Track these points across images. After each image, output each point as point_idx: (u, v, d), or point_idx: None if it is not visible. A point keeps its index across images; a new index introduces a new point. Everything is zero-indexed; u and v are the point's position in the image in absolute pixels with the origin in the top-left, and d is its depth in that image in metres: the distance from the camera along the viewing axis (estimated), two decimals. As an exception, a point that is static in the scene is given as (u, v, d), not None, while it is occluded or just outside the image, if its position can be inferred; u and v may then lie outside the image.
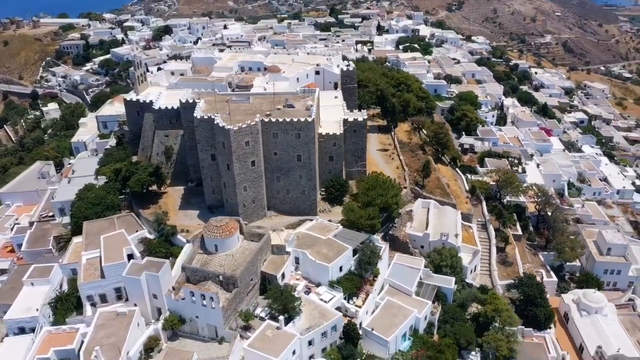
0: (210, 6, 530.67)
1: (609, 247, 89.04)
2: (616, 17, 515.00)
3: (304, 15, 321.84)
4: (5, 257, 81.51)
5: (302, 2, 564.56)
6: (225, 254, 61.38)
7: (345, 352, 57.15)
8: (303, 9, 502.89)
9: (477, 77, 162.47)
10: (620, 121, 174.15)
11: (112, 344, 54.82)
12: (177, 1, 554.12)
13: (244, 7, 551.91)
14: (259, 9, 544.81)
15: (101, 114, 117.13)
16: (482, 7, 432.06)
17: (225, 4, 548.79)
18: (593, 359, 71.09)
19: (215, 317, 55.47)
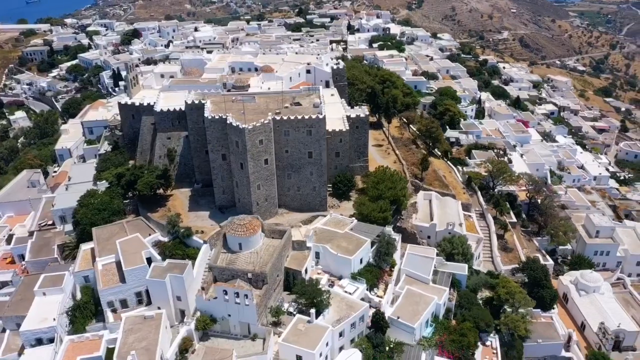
0: (168, 9, 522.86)
1: (597, 230, 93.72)
2: (566, 12, 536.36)
3: (269, 17, 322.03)
4: (6, 268, 78.96)
5: (260, 3, 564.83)
6: (250, 252, 61.78)
7: (375, 341, 58.42)
8: (262, 10, 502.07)
9: (452, 73, 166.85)
10: (587, 112, 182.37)
11: (144, 348, 54.43)
12: (133, 5, 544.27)
13: (201, 9, 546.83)
14: (217, 11, 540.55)
15: (86, 119, 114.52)
16: (441, 6, 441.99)
17: (182, 7, 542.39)
18: (596, 334, 74.98)
19: (249, 314, 55.88)
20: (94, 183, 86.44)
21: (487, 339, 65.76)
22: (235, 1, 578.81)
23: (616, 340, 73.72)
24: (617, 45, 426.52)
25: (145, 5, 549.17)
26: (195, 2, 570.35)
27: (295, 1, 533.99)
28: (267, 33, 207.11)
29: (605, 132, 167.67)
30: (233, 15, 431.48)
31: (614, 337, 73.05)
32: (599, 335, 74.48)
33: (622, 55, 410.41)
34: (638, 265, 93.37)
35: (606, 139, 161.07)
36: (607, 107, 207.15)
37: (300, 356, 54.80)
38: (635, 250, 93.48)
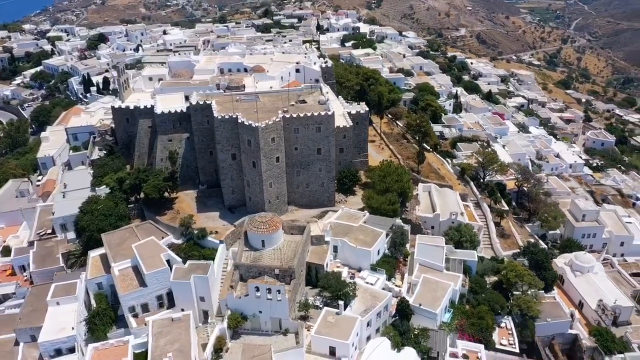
0: (122, 14, 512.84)
1: (583, 214, 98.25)
2: (518, 9, 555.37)
3: (230, 19, 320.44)
4: (7, 280, 76.47)
5: (216, 6, 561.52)
6: (273, 249, 62.30)
7: (402, 328, 60.00)
8: (221, 12, 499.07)
9: (425, 70, 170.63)
10: (552, 104, 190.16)
11: (178, 350, 54.23)
12: (85, 10, 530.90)
13: (156, 13, 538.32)
14: (173, 15, 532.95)
15: (70, 125, 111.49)
16: (400, 4, 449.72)
17: (137, 11, 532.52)
18: (595, 312, 78.91)
19: (281, 310, 56.45)
20: (92, 189, 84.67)
21: (502, 320, 68.43)
22: (191, 4, 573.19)
23: (614, 316, 77.77)
24: (568, 39, 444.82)
25: (98, 10, 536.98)
26: (149, 6, 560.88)
27: (255, 3, 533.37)
28: (237, 35, 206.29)
29: (573, 122, 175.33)
30: (189, 19, 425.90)
31: (613, 313, 77.08)
32: (598, 312, 78.41)
33: (573, 49, 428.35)
34: (621, 245, 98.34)
35: (574, 129, 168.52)
36: (568, 98, 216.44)
37: (334, 347, 55.82)
38: (618, 232, 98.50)
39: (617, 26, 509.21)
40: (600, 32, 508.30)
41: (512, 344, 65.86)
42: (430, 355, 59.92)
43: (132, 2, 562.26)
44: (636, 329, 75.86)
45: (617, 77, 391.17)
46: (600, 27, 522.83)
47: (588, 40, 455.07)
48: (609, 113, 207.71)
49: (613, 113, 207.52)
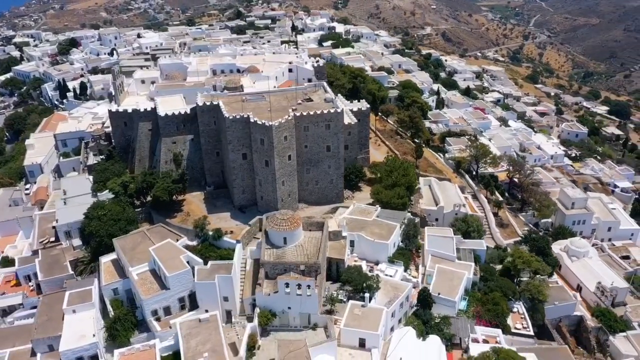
0: (82, 18, 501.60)
1: (573, 202, 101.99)
2: (479, 7, 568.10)
3: (198, 21, 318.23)
4: (12, 291, 74.47)
5: (179, 9, 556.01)
6: (294, 246, 62.84)
7: (425, 317, 61.56)
8: (184, 15, 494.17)
9: (404, 68, 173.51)
10: (526, 98, 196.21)
11: (211, 350, 54.29)
12: (44, 15, 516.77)
13: (118, 17, 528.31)
14: (135, 19, 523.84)
15: (59, 131, 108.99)
16: (366, 4, 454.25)
17: (97, 16, 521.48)
18: (594, 294, 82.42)
19: (310, 305, 57.19)
20: (94, 195, 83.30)
21: (514, 305, 70.81)
22: (153, 7, 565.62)
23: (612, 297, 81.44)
24: (529, 36, 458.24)
25: (57, 15, 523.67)
26: (110, 10, 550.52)
27: (218, 5, 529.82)
28: (213, 37, 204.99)
29: (546, 115, 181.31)
30: (152, 22, 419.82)
31: (612, 295, 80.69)
32: (597, 294, 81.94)
33: (535, 45, 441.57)
34: (609, 230, 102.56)
35: (548, 121, 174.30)
36: (539, 93, 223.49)
37: (364, 338, 56.90)
38: (605, 218, 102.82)
39: (574, 22, 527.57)
40: (559, 28, 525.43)
41: (526, 327, 68.35)
42: (454, 341, 61.58)
43: (92, 6, 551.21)
44: (635, 308, 79.64)
45: (578, 71, 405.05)
46: (558, 23, 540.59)
47: (548, 36, 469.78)
48: (577, 106, 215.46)
49: (581, 106, 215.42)
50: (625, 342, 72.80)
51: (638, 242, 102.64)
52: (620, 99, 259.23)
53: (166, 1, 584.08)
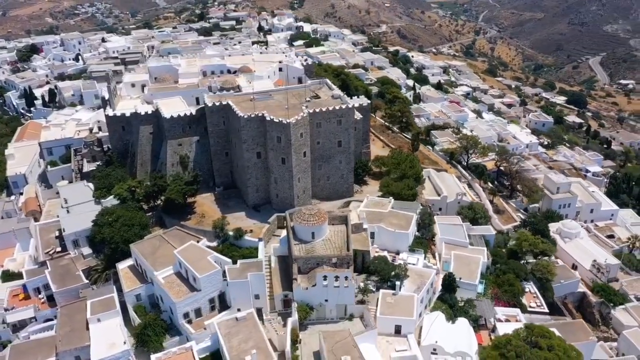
0: (27, 24, 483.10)
1: (557, 187, 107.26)
2: (429, 4, 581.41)
3: (155, 24, 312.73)
4: (21, 305, 71.88)
5: (128, 12, 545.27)
6: (322, 240, 63.78)
7: (451, 301, 63.84)
8: (132, 19, 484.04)
9: (377, 64, 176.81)
10: (492, 90, 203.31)
11: (254, 347, 54.58)
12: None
13: (65, 22, 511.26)
14: (83, 23, 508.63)
15: (44, 140, 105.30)
16: (321, 4, 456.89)
17: (43, 22, 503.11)
18: (590, 271, 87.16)
19: (347, 296, 58.42)
20: (97, 202, 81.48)
21: (525, 286, 74.19)
22: (102, 12, 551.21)
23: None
24: (480, 31, 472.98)
25: (0, 22, 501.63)
26: (56, 15, 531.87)
27: (170, 8, 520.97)
28: (181, 39, 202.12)
29: (513, 106, 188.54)
30: (101, 27, 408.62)
31: (608, 271, 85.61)
32: (593, 271, 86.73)
33: (486, 40, 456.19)
34: (591, 212, 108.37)
35: (516, 112, 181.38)
36: (500, 85, 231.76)
37: (400, 325, 58.61)
38: (588, 200, 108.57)
39: (520, 17, 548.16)
40: (506, 23, 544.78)
41: (540, 305, 71.84)
42: (479, 323, 64.10)
43: (37, 12, 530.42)
44: (629, 282, 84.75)
45: (528, 64, 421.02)
46: (505, 18, 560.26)
47: (497, 31, 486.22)
48: (538, 97, 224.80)
49: (541, 97, 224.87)
50: (625, 314, 77.44)
51: (618, 221, 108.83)
52: (573, 89, 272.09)
53: (114, 5, 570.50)
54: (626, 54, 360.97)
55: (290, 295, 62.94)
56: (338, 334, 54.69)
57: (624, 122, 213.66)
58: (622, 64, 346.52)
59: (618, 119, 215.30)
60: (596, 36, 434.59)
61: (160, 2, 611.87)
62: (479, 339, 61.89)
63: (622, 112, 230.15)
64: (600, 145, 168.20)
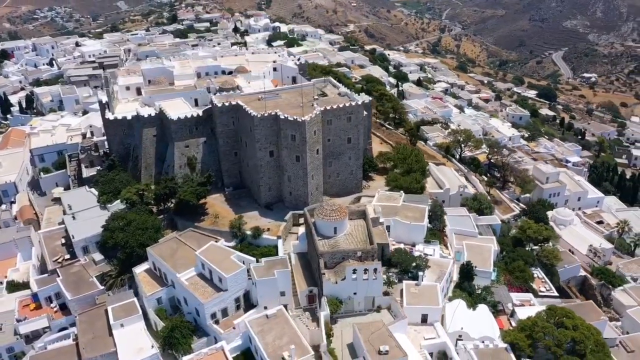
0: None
1: (547, 177, 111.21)
2: (393, 3, 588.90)
3: (122, 28, 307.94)
4: (33, 315, 70.09)
5: (89, 16, 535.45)
6: (344, 234, 64.68)
7: (469, 289, 65.75)
8: (94, 23, 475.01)
9: (357, 63, 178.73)
10: (468, 86, 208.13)
11: (290, 342, 55.03)
12: None
13: (23, 27, 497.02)
14: (43, 28, 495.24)
15: (35, 146, 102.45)
16: (288, 4, 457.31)
17: (1, 27, 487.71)
18: (587, 256, 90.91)
19: (376, 288, 59.54)
20: (102, 206, 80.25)
21: (533, 271, 76.86)
22: (61, 16, 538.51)
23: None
24: (445, 29, 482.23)
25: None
26: (14, 20, 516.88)
27: (131, 11, 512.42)
28: (157, 42, 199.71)
29: (489, 101, 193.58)
30: (62, 32, 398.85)
31: (604, 255, 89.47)
32: (590, 255, 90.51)
33: (451, 38, 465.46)
34: (579, 200, 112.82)
35: (493, 107, 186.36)
36: (473, 81, 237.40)
37: (426, 314, 60.15)
38: (575, 189, 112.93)
39: (482, 14, 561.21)
40: (469, 21, 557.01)
41: (549, 289, 74.63)
42: (497, 309, 66.18)
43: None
44: (625, 264, 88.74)
45: (492, 60, 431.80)
46: (468, 16, 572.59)
47: (462, 28, 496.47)
48: (510, 91, 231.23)
49: (513, 91, 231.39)
50: (624, 295, 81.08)
51: (604, 207, 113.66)
52: (540, 83, 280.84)
53: (74, 9, 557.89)
54: (587, 49, 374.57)
55: (315, 290, 63.79)
56: (372, 325, 55.74)
57: (593, 113, 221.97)
58: (584, 57, 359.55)
59: (587, 111, 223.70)
60: (557, 32, 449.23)
61: (122, 5, 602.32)
62: (499, 323, 63.88)
63: (590, 105, 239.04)
64: (575, 136, 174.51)
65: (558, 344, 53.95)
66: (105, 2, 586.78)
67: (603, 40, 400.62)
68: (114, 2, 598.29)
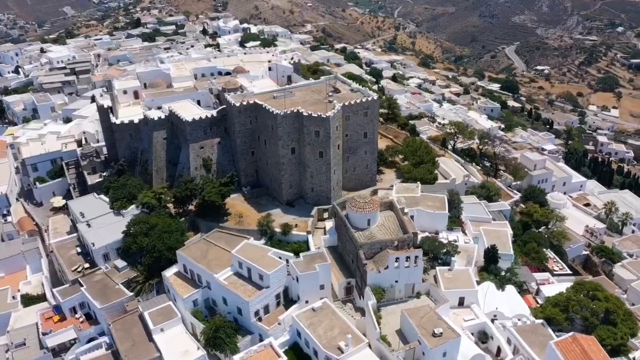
0: None
1: (535, 164, 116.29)
2: (346, 3, 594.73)
3: (77, 32, 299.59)
4: (57, 327, 68.08)
5: (34, 23, 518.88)
6: (377, 225, 66.22)
7: (496, 272, 68.66)
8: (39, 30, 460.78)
9: (332, 62, 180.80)
10: (439, 82, 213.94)
11: (343, 332, 56.07)
12: None
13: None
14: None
15: (27, 156, 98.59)
16: (245, 5, 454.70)
17: None
18: (583, 236, 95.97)
19: (416, 275, 61.33)
20: (117, 212, 78.77)
21: (545, 252, 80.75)
22: (4, 23, 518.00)
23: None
24: (400, 26, 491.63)
25: None
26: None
27: (78, 16, 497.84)
28: (126, 46, 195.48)
29: (460, 95, 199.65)
30: (5, 39, 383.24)
31: (600, 234, 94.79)
32: (586, 235, 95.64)
33: (406, 35, 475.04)
34: (564, 185, 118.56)
35: (465, 100, 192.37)
36: (439, 76, 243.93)
37: (463, 297, 62.55)
38: (560, 174, 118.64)
39: (433, 11, 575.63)
40: (421, 18, 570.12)
41: (562, 268, 78.66)
42: (523, 288, 69.42)
43: None
44: (620, 241, 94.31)
45: (448, 56, 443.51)
46: (420, 13, 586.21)
47: (416, 25, 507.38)
48: (474, 85, 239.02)
49: (477, 85, 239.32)
50: (624, 270, 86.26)
51: (587, 190, 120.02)
52: (499, 77, 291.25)
53: (18, 15, 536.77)
54: (538, 42, 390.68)
55: (352, 282, 65.14)
56: (420, 310, 57.54)
57: (554, 104, 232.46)
58: (536, 51, 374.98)
59: (548, 102, 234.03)
60: (506, 27, 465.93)
61: (68, 10, 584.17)
62: (526, 302, 67.08)
63: (550, 95, 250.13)
64: (543, 125, 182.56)
65: (594, 315, 57.38)
66: (50, 8, 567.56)
67: (550, 34, 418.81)
68: (59, 7, 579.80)
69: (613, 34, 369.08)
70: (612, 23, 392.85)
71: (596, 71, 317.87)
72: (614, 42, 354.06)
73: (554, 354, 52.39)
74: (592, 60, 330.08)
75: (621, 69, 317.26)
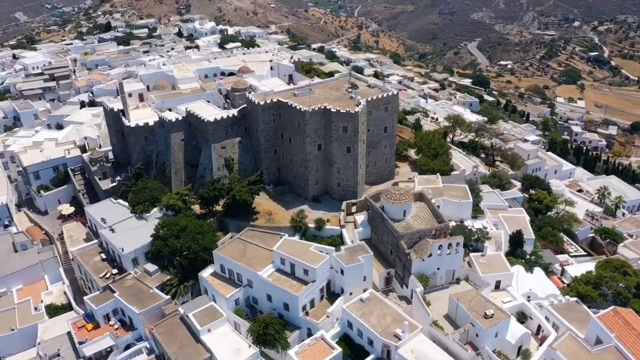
0: None
1: (528, 154, 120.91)
2: (306, 3, 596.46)
3: (38, 37, 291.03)
4: (93, 336, 66.70)
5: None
6: (412, 216, 67.93)
7: (522, 255, 71.57)
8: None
9: (315, 60, 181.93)
10: (417, 78, 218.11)
11: (395, 320, 57.48)
12: None
13: None
14: None
15: (29, 163, 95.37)
16: (208, 8, 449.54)
17: None
18: (584, 219, 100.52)
19: (456, 261, 63.33)
20: (139, 216, 77.79)
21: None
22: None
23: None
24: (363, 26, 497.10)
25: None
26: None
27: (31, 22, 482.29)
28: (102, 50, 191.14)
29: (438, 90, 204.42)
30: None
31: (600, 217, 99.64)
32: (587, 219, 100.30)
33: (370, 34, 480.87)
34: (555, 173, 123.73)
35: (445, 95, 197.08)
36: (412, 73, 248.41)
37: (499, 280, 65.02)
38: (551, 163, 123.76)
39: (393, 10, 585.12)
40: (381, 17, 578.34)
41: (576, 250, 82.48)
42: (548, 270, 72.58)
43: None
44: (620, 222, 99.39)
45: (411, 53, 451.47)
46: (379, 12, 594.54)
47: (378, 24, 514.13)
48: (447, 81, 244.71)
49: (450, 81, 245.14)
50: (626, 250, 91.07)
51: (576, 177, 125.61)
52: (467, 72, 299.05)
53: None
54: (499, 38, 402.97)
55: (392, 272, 66.65)
56: (467, 294, 59.59)
57: (524, 97, 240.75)
58: (498, 46, 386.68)
59: (519, 95, 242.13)
60: (465, 24, 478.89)
61: (20, 16, 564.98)
62: (554, 282, 70.25)
63: (519, 89, 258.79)
64: (521, 118, 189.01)
65: (627, 289, 60.85)
66: (1, 14, 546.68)
67: (508, 30, 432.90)
68: (10, 13, 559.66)
69: (570, 29, 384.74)
70: (566, 18, 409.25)
71: (557, 64, 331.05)
72: (572, 37, 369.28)
73: (598, 327, 55.36)
74: (552, 54, 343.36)
75: (580, 62, 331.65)
